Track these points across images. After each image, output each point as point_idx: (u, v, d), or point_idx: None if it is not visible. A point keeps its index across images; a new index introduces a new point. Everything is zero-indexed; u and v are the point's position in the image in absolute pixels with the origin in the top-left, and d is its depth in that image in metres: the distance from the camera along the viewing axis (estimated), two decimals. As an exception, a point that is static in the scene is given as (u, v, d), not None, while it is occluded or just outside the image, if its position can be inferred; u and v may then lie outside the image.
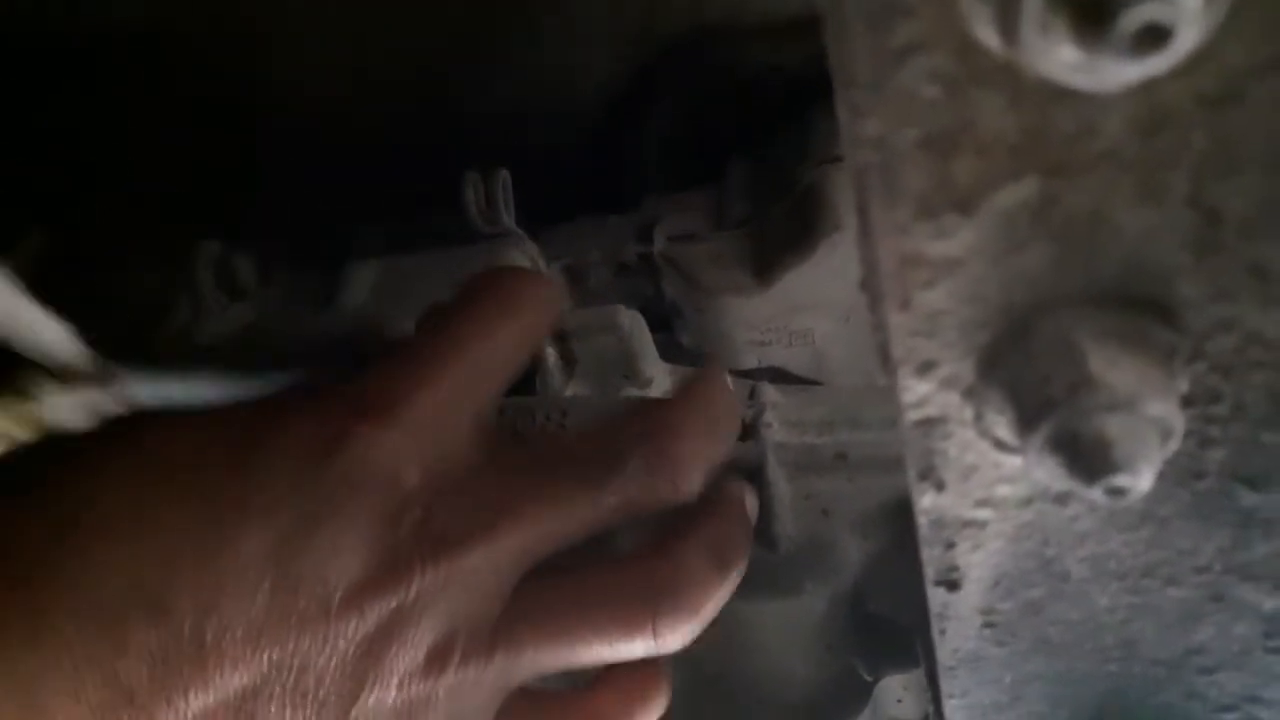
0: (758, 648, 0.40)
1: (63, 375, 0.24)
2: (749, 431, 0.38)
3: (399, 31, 0.49)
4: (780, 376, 0.51)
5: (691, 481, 0.30)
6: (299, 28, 0.47)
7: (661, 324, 0.51)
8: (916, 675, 0.39)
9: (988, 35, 0.15)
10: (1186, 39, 0.13)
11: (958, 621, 0.25)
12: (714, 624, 0.39)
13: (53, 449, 0.27)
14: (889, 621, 0.38)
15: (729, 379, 0.33)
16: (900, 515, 0.39)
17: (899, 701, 0.42)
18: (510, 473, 0.29)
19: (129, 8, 0.44)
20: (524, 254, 0.48)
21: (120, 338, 0.42)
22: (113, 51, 0.46)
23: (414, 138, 0.51)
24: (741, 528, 0.32)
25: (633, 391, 0.44)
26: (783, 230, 0.49)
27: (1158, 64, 0.14)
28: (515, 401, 0.36)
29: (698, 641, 0.32)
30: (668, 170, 0.55)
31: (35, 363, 0.24)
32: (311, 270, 0.48)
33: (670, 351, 0.49)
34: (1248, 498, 0.21)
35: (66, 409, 0.24)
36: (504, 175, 0.47)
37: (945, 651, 0.25)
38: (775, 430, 0.40)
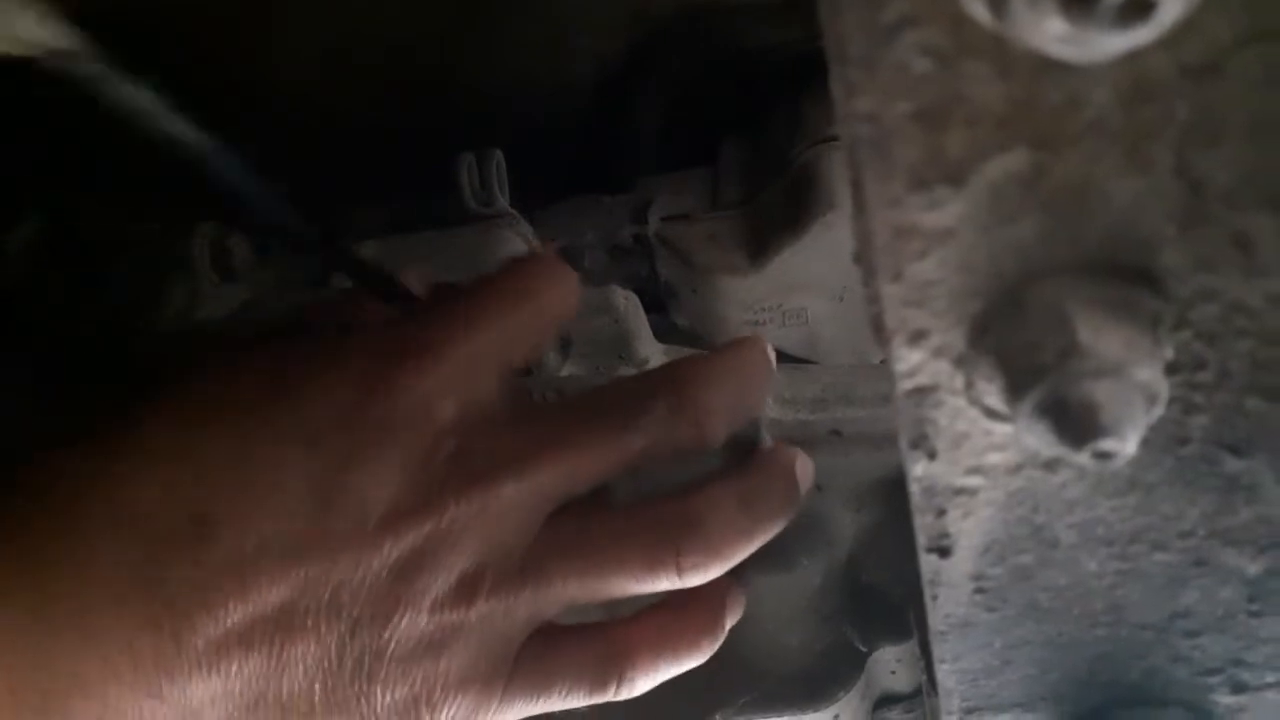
0: (753, 620, 0.41)
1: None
2: (744, 408, 0.38)
3: (392, 13, 0.49)
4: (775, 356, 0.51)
5: (715, 427, 0.31)
6: (292, 10, 0.47)
7: (656, 304, 0.51)
8: (910, 646, 0.40)
9: (977, 9, 0.16)
10: (1170, 11, 0.14)
11: (949, 588, 0.25)
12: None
13: (101, 384, 0.28)
14: (883, 593, 0.39)
15: (769, 345, 0.34)
16: (893, 489, 0.39)
17: (893, 673, 0.43)
18: (541, 415, 0.31)
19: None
20: (518, 234, 0.48)
21: (118, 318, 0.43)
22: (106, 36, 0.46)
23: (407, 119, 0.51)
24: (779, 485, 0.33)
25: (628, 372, 0.44)
26: (777, 210, 0.49)
27: (1143, 35, 0.14)
28: (513, 382, 0.37)
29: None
30: (661, 151, 0.55)
31: None
32: (307, 251, 0.49)
33: (665, 332, 0.49)
34: (1231, 463, 0.22)
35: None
36: (498, 157, 0.47)
37: (937, 617, 0.26)
38: (770, 407, 0.40)
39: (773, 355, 0.35)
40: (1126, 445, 0.19)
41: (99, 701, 0.25)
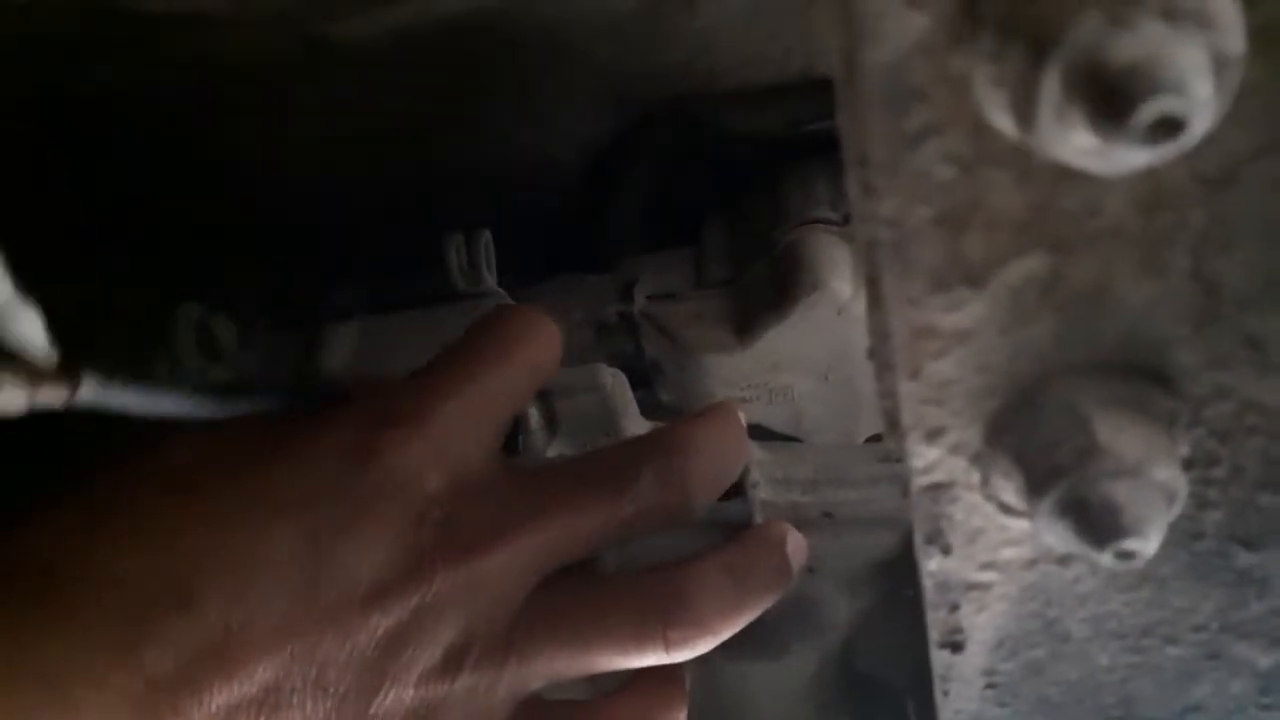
0: (747, 709, 0.40)
1: (22, 366, 0.23)
2: (736, 489, 0.38)
3: (378, 94, 0.50)
4: (761, 433, 0.51)
5: (702, 494, 0.31)
6: (279, 94, 0.48)
7: (642, 382, 0.51)
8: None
9: (1000, 120, 0.16)
10: (1199, 128, 0.14)
11: (961, 683, 0.25)
12: (703, 685, 0.39)
13: (87, 451, 0.27)
14: (879, 682, 0.38)
15: (739, 412, 0.34)
16: (887, 573, 0.39)
17: (888, 761, 0.42)
18: (529, 483, 0.30)
19: (108, 72, 0.44)
20: (505, 314, 0.48)
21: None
22: (90, 113, 0.46)
23: (395, 200, 0.52)
24: (769, 558, 0.33)
25: (615, 450, 0.44)
26: (761, 290, 0.49)
27: (1170, 151, 0.14)
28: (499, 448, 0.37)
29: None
30: (645, 231, 0.56)
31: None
32: (291, 331, 0.48)
33: (650, 409, 0.49)
34: (1243, 558, 0.22)
35: (12, 400, 0.24)
36: (486, 237, 0.48)
37: (947, 713, 0.26)
38: (762, 488, 0.40)
39: (744, 421, 0.35)
40: (1149, 545, 0.19)
41: None
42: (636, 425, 0.46)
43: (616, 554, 0.33)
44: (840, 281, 0.47)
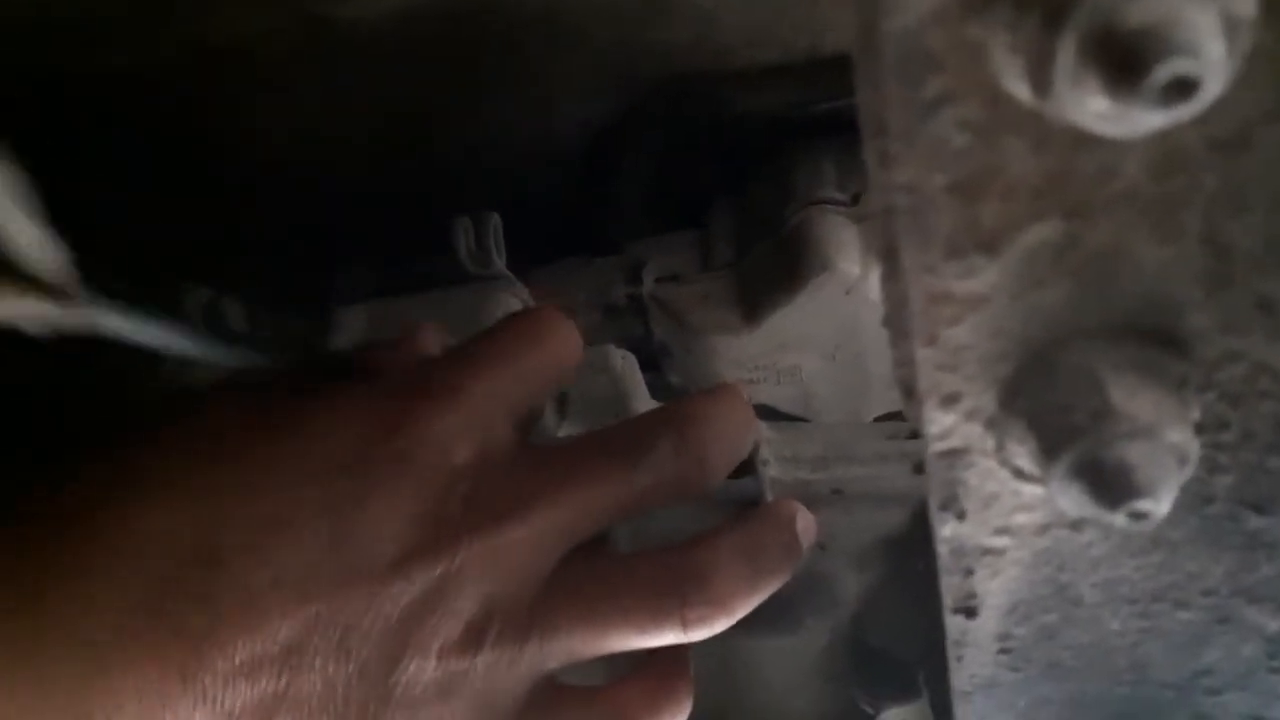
0: (759, 683, 0.41)
1: (26, 281, 0.24)
2: (746, 467, 0.38)
3: (380, 80, 0.50)
4: (769, 414, 0.51)
5: (717, 465, 0.32)
6: (283, 79, 0.48)
7: (650, 364, 0.51)
8: (918, 707, 0.40)
9: (1016, 86, 0.16)
10: (1211, 90, 0.14)
11: (974, 648, 0.25)
12: (716, 660, 0.40)
13: (114, 416, 0.27)
14: (889, 655, 0.39)
15: (744, 390, 0.35)
16: (897, 548, 0.39)
17: (898, 734, 0.43)
18: (550, 458, 0.31)
19: (113, 57, 0.44)
20: (515, 296, 0.48)
21: (111, 380, 0.42)
22: (92, 99, 0.46)
23: (400, 185, 0.52)
24: (780, 537, 0.33)
25: (625, 431, 0.44)
26: (769, 271, 0.50)
27: (1184, 113, 0.15)
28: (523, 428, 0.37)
29: (699, 680, 0.33)
30: (651, 213, 0.56)
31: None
32: (301, 314, 0.49)
33: (659, 391, 0.49)
34: (1254, 521, 0.22)
35: (17, 312, 0.24)
36: (495, 219, 0.48)
37: (961, 678, 0.26)
38: (771, 466, 0.41)
39: (749, 399, 0.36)
40: (1161, 506, 0.19)
41: None
42: (646, 407, 0.46)
43: (630, 534, 0.34)
44: (848, 262, 0.48)
